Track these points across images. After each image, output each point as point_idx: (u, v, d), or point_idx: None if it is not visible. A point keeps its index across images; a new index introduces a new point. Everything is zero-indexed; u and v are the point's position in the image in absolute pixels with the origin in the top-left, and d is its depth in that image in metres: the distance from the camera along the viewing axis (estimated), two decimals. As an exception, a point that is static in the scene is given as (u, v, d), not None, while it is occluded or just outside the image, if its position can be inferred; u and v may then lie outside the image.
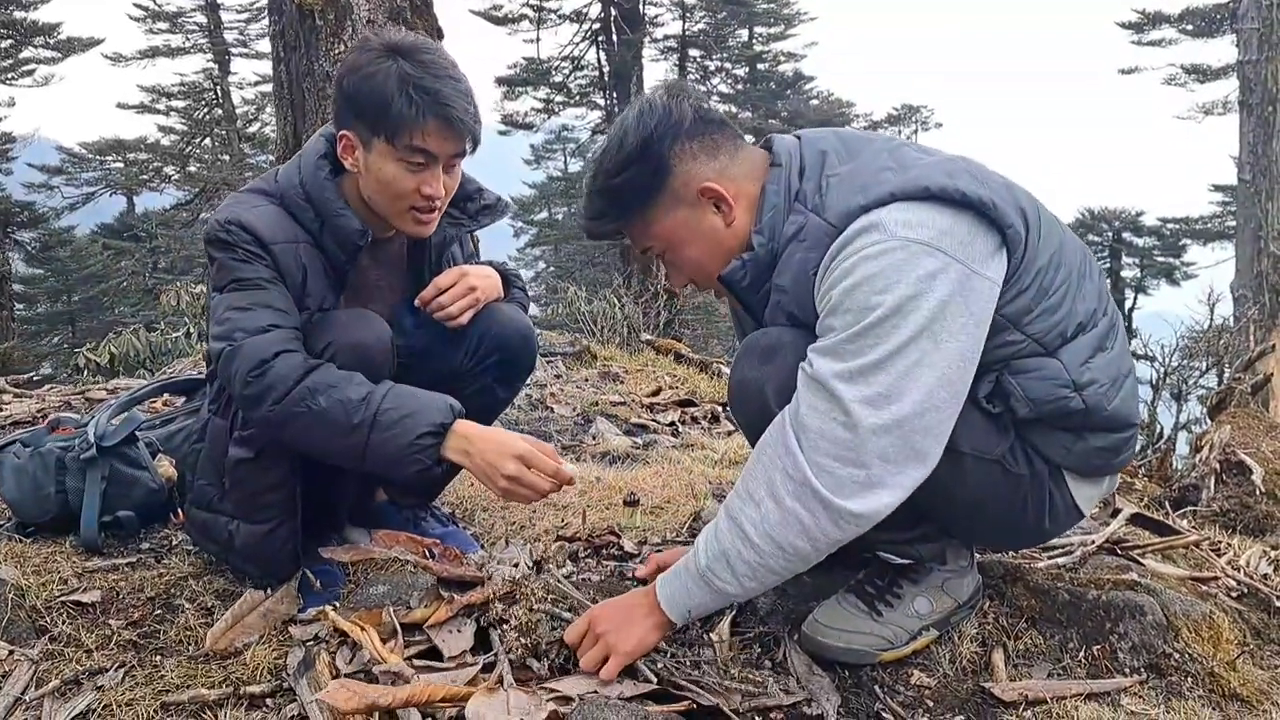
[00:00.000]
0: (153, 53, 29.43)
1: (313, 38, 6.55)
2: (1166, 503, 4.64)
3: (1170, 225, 29.64)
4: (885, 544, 2.16)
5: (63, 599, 2.35)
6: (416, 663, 2.01)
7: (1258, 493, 4.93)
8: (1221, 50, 23.74)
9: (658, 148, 1.99)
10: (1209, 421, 6.81)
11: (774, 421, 1.89)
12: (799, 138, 2.08)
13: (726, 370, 7.13)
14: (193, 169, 29.53)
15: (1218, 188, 27.39)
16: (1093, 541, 2.69)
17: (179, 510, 2.81)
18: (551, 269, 32.23)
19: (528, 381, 3.21)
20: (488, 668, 2.00)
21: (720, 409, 5.07)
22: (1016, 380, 1.95)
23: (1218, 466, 5.17)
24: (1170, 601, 2.29)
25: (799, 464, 1.80)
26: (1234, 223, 19.69)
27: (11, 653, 2.11)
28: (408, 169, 2.20)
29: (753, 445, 2.22)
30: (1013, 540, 2.36)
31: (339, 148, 2.26)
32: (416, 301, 2.46)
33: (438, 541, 2.39)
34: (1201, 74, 24.36)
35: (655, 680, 1.96)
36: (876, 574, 2.23)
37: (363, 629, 2.03)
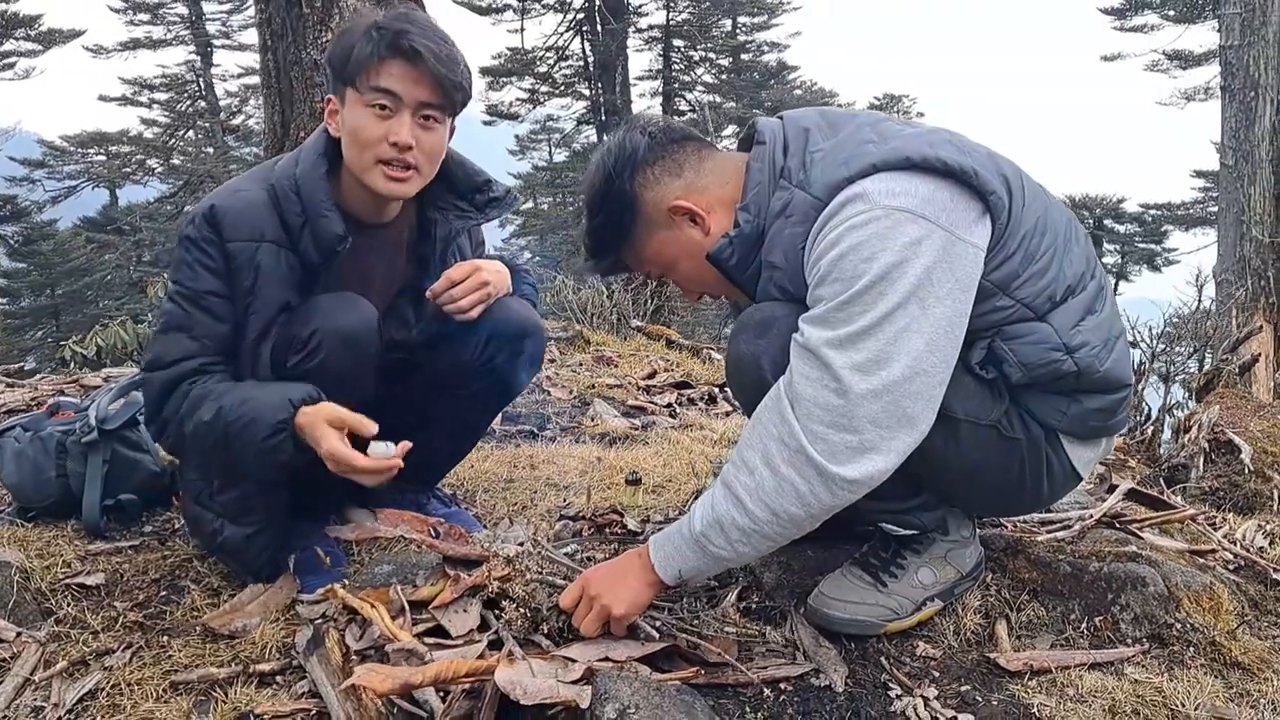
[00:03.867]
0: (134, 44, 29.26)
1: (300, 25, 6.50)
2: (1161, 480, 4.67)
3: (1152, 211, 29.78)
4: (885, 514, 2.17)
5: (67, 582, 2.36)
6: (426, 640, 2.01)
7: (1246, 471, 4.98)
8: (1203, 36, 23.86)
9: (619, 183, 2.07)
10: (1190, 405, 6.86)
11: (769, 392, 1.91)
12: (782, 118, 2.12)
13: (718, 356, 7.15)
14: (176, 161, 29.43)
15: (1199, 173, 27.52)
16: (1091, 516, 2.71)
17: (180, 492, 2.80)
18: (537, 259, 32.16)
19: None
20: (494, 644, 2.01)
21: (717, 390, 5.09)
22: (1008, 345, 1.98)
23: (1207, 446, 5.21)
24: (1171, 573, 2.31)
25: (794, 431, 1.82)
26: (1215, 208, 19.75)
27: (19, 634, 2.11)
28: (374, 115, 2.19)
29: (750, 416, 2.25)
30: (1012, 506, 2.38)
31: (326, 116, 2.29)
32: (428, 294, 2.44)
33: (442, 521, 2.40)
34: (1183, 60, 24.47)
35: (658, 636, 2.01)
36: (880, 546, 2.24)
37: (373, 606, 2.03)
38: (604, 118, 27.85)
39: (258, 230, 2.23)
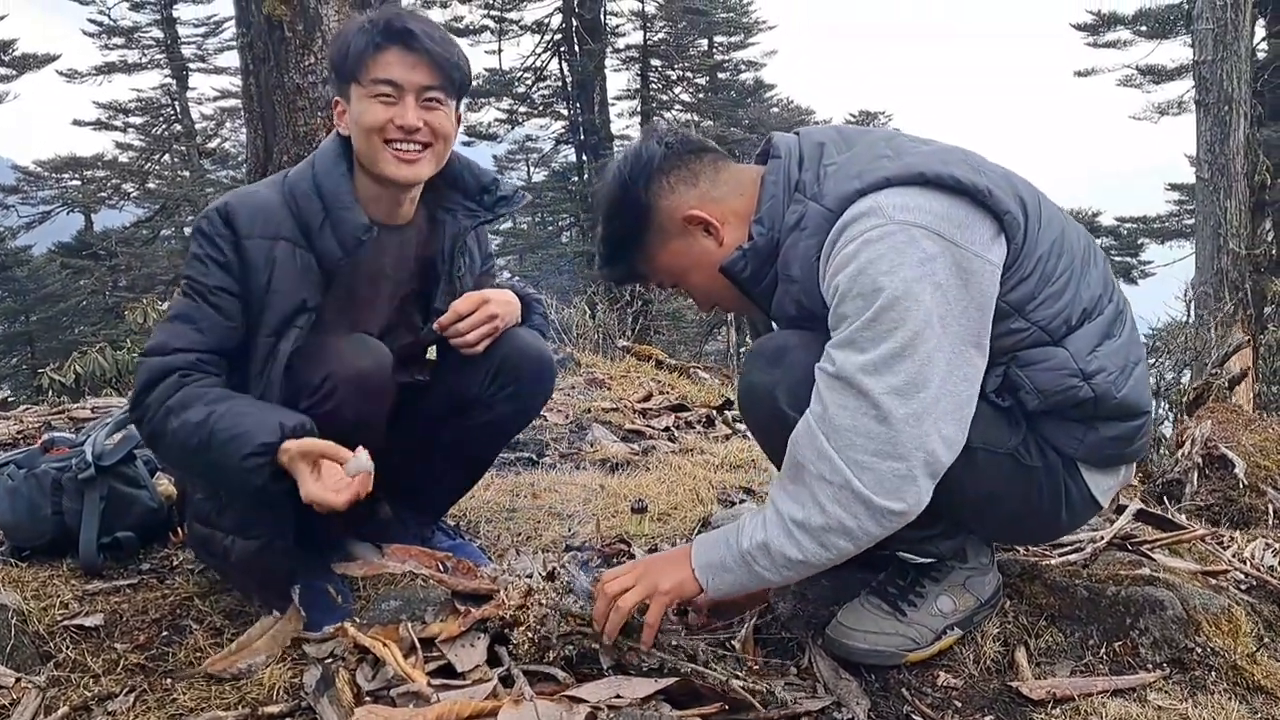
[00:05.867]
0: (109, 69, 29.01)
1: (282, 49, 6.44)
2: (1166, 498, 4.67)
3: (1128, 225, 29.94)
4: (904, 542, 2.13)
5: (65, 623, 2.30)
6: (434, 681, 1.97)
7: (1241, 486, 4.97)
8: (1175, 51, 24.04)
9: (634, 191, 2.06)
10: (1172, 419, 6.84)
11: (799, 427, 1.88)
12: (798, 133, 2.11)
13: (705, 376, 7.11)
14: (152, 185, 29.22)
15: (1173, 186, 27.71)
16: (1102, 537, 2.68)
17: (178, 529, 2.75)
18: (516, 278, 31.99)
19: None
20: (505, 680, 1.97)
21: (714, 413, 5.05)
22: (1024, 372, 1.97)
23: (1200, 461, 5.20)
24: (1189, 596, 2.28)
25: (836, 467, 1.80)
26: (1191, 221, 19.82)
27: (18, 680, 2.05)
28: (379, 104, 2.21)
29: (765, 449, 2.22)
30: (1030, 534, 2.36)
31: (335, 119, 2.31)
32: (435, 325, 2.42)
33: (450, 555, 2.35)
34: (1156, 75, 24.65)
35: (667, 668, 1.99)
36: (898, 574, 2.22)
37: (385, 645, 1.99)
38: (582, 137, 27.88)
39: (272, 228, 2.23)
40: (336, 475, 2.04)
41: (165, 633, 2.32)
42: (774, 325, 2.29)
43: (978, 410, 1.92)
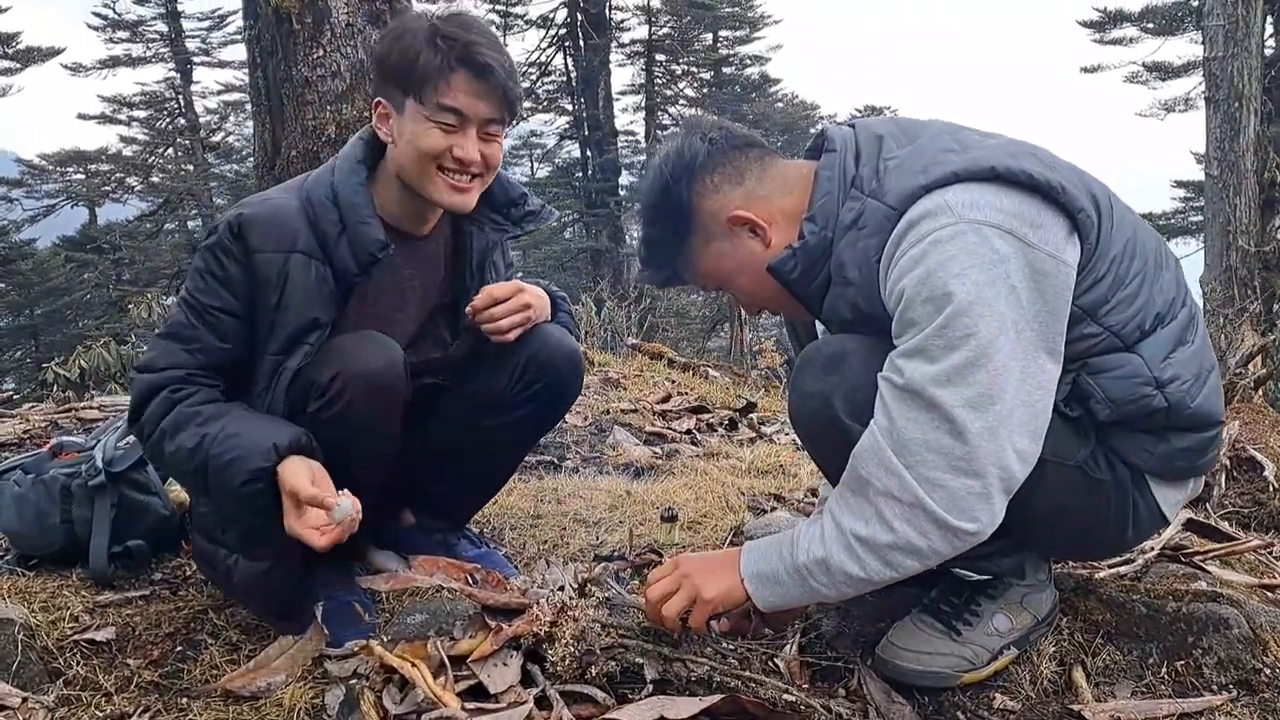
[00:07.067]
0: (113, 62, 28.91)
1: (290, 42, 6.34)
2: (1193, 502, 4.55)
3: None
4: (965, 559, 2.01)
5: (75, 638, 2.20)
6: (468, 705, 1.86)
7: (1271, 489, 4.87)
8: (1182, 48, 23.95)
9: (676, 191, 1.95)
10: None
11: (863, 440, 1.77)
12: (853, 125, 1.99)
13: (714, 373, 7.01)
14: (156, 179, 29.15)
15: (1180, 184, 27.58)
16: (1152, 548, 2.58)
17: (190, 533, 2.65)
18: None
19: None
20: (540, 702, 1.87)
21: (736, 416, 4.94)
22: (1095, 380, 1.85)
23: (1228, 463, 5.09)
24: (1255, 613, 2.18)
25: (906, 484, 1.68)
26: (1198, 218, 19.68)
27: (25, 700, 1.95)
28: (440, 130, 2.11)
29: (818, 460, 2.11)
30: (1094, 550, 2.25)
31: (374, 119, 2.20)
32: (468, 310, 2.31)
33: (478, 566, 2.24)
34: (1163, 72, 24.53)
35: (715, 681, 1.92)
36: (951, 591, 2.11)
37: (413, 665, 1.88)
38: (586, 133, 27.81)
39: (287, 240, 2.11)
40: (321, 517, 1.96)
41: (179, 648, 2.21)
42: (818, 329, 2.18)
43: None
